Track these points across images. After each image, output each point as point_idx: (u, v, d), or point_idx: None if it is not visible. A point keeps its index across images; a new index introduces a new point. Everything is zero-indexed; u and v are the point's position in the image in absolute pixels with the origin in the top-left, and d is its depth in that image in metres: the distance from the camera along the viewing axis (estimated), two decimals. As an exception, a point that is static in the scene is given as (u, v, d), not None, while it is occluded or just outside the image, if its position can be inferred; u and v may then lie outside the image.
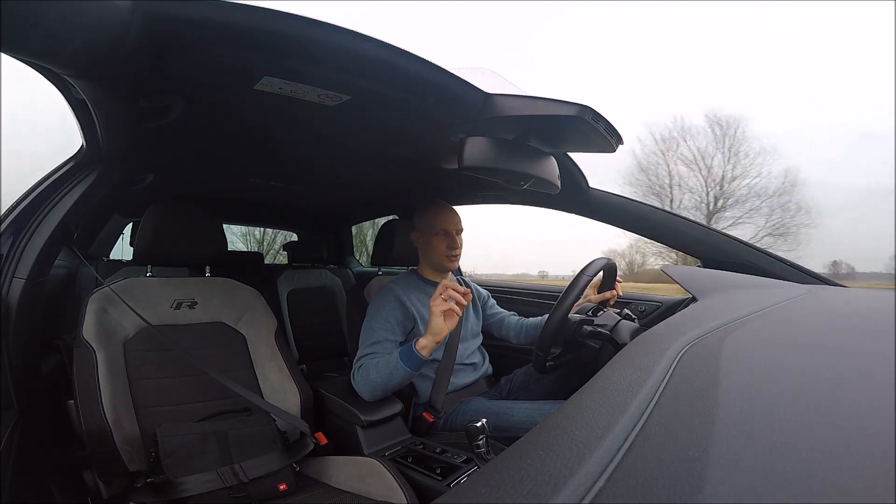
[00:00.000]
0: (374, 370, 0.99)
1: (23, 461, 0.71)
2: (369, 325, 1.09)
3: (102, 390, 0.86)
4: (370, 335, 1.07)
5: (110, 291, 0.97)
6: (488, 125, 0.82)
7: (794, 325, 0.54)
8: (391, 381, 0.97)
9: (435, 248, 1.18)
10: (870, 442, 0.22)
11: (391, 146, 1.03)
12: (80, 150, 0.87)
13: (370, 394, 1.01)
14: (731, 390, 0.29)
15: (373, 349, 1.05)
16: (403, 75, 0.66)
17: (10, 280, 0.79)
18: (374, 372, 0.99)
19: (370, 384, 1.00)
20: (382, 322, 1.08)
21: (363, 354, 1.05)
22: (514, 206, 1.47)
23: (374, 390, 1.00)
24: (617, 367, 0.38)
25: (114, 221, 1.82)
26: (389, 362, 0.97)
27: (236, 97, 0.73)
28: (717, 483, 0.19)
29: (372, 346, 1.05)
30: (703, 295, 0.81)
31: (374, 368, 0.99)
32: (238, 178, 1.37)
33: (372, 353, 1.04)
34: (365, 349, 1.06)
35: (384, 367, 0.98)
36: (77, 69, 0.53)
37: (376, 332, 1.07)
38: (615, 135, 0.80)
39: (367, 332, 1.08)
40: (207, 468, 0.81)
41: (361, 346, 1.07)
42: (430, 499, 0.80)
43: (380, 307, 1.10)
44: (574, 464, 0.21)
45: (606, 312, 1.02)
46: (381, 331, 1.07)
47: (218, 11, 0.51)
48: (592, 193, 1.21)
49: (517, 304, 1.59)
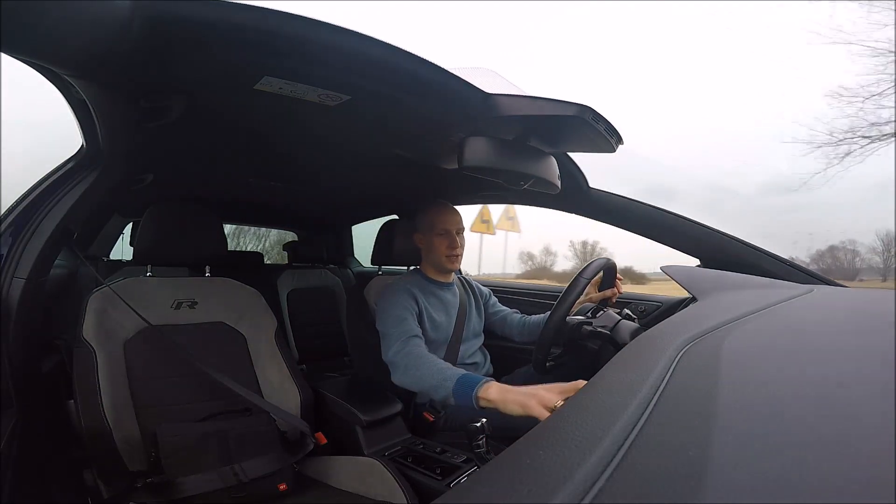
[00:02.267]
0: (426, 368, 0.92)
1: (23, 461, 0.71)
2: (390, 314, 1.08)
3: (102, 390, 0.86)
4: (396, 320, 1.06)
5: (110, 291, 0.97)
6: (488, 125, 0.82)
7: (794, 325, 0.54)
8: (432, 390, 0.90)
9: (436, 247, 1.18)
10: (870, 442, 0.22)
11: (391, 146, 1.03)
12: (80, 150, 0.87)
13: (405, 380, 0.98)
14: (731, 390, 0.29)
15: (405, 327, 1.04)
16: (403, 75, 0.66)
17: (10, 280, 0.79)
18: (426, 370, 0.92)
19: (413, 377, 0.95)
20: (402, 309, 1.08)
21: (399, 333, 1.03)
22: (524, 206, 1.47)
23: (411, 381, 0.96)
24: (617, 367, 0.38)
25: (114, 221, 1.82)
26: (444, 375, 0.88)
27: (236, 97, 0.73)
28: (717, 483, 0.19)
29: (402, 325, 1.04)
30: (703, 295, 0.82)
31: (427, 366, 0.93)
32: (238, 178, 1.37)
33: (406, 330, 1.03)
34: (397, 330, 1.04)
35: (437, 373, 0.90)
36: (77, 69, 0.53)
37: (401, 315, 1.06)
38: (615, 135, 0.80)
39: (392, 318, 1.06)
40: (207, 468, 0.81)
41: (393, 329, 1.05)
42: (430, 499, 0.80)
43: (395, 297, 1.10)
44: (574, 464, 0.21)
45: (606, 313, 1.02)
46: (405, 312, 1.07)
47: (218, 11, 0.51)
48: (592, 193, 1.21)
49: (518, 305, 1.59)
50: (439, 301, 1.20)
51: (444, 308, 1.20)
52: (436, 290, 1.21)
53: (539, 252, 12.60)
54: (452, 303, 1.22)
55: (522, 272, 11.88)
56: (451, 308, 1.21)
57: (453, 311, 1.20)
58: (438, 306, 1.19)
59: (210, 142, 1.00)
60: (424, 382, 0.92)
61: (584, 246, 12.17)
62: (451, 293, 1.24)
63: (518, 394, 0.74)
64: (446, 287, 1.24)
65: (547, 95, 0.73)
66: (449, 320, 1.19)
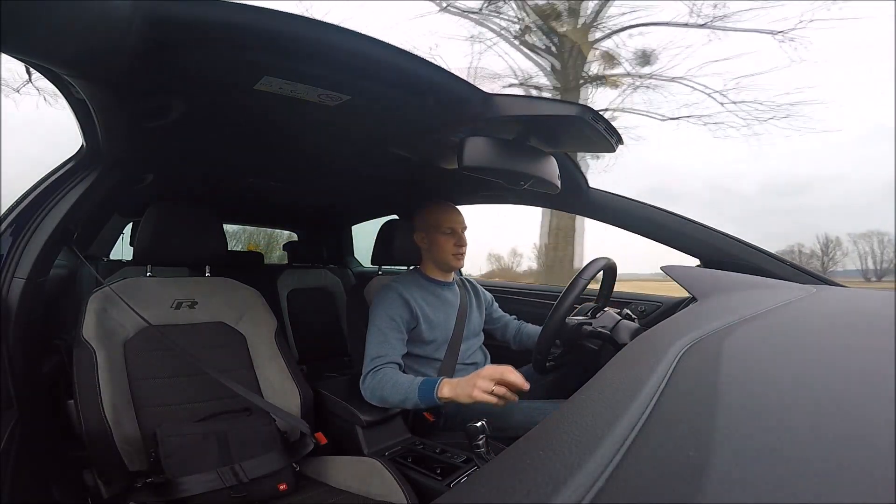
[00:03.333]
0: (390, 387, 0.97)
1: (23, 461, 0.71)
2: (376, 327, 1.08)
3: (102, 390, 0.86)
4: (378, 336, 1.06)
5: (110, 291, 0.97)
6: (488, 125, 0.82)
7: (795, 326, 0.54)
8: (402, 403, 0.97)
9: (441, 246, 1.18)
10: (870, 442, 0.22)
11: (391, 146, 1.03)
12: (80, 150, 0.88)
13: (378, 401, 1.00)
14: (731, 391, 0.29)
15: (384, 351, 1.04)
16: (403, 75, 0.66)
17: (10, 280, 0.79)
18: (390, 389, 0.97)
19: (380, 398, 0.99)
20: (388, 321, 1.07)
21: (375, 356, 1.03)
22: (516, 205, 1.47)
23: (381, 402, 1.00)
24: (617, 367, 0.38)
25: (114, 221, 1.82)
26: (406, 388, 0.94)
27: (236, 97, 0.73)
28: (717, 483, 0.19)
29: (382, 348, 1.04)
30: (703, 295, 0.82)
31: (391, 386, 0.97)
32: (238, 178, 1.37)
33: (383, 356, 1.03)
34: (376, 350, 1.04)
35: (401, 389, 0.95)
36: (77, 69, 0.53)
37: (385, 332, 1.06)
38: (615, 135, 0.80)
39: (375, 333, 1.07)
40: (207, 468, 0.81)
41: (371, 347, 1.06)
42: (430, 499, 0.80)
43: (385, 306, 1.10)
44: (574, 464, 0.21)
45: (606, 313, 1.02)
46: (389, 331, 1.06)
47: (218, 11, 0.51)
48: (592, 193, 1.21)
49: (518, 305, 1.59)
50: (438, 300, 1.20)
51: (444, 307, 1.20)
52: (435, 290, 1.21)
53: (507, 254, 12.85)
54: (452, 302, 1.22)
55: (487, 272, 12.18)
56: (450, 307, 1.21)
57: (453, 311, 1.20)
58: (437, 305, 1.19)
59: (210, 142, 1.00)
60: (392, 400, 0.97)
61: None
62: (452, 292, 1.24)
63: (463, 386, 0.86)
64: (446, 286, 1.24)
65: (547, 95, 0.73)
66: (448, 319, 1.18)
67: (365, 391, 1.02)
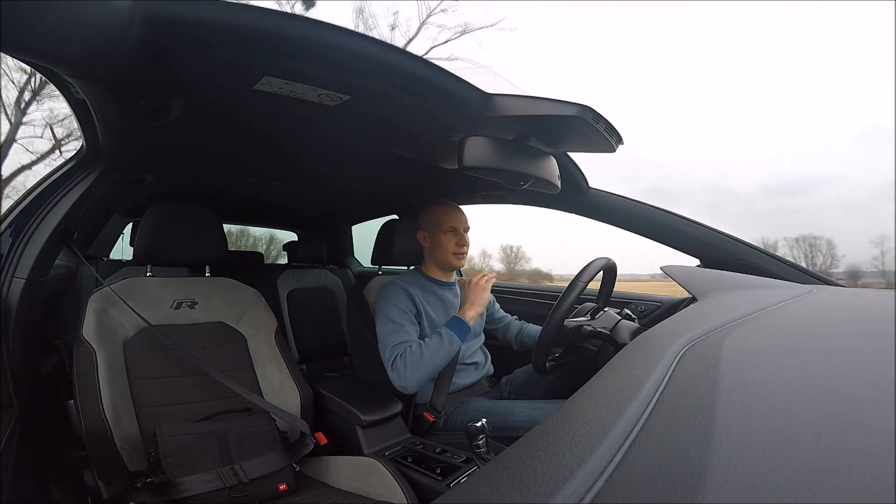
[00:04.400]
0: (429, 356, 1.00)
1: (23, 461, 0.70)
2: (388, 318, 1.08)
3: (102, 390, 0.86)
4: (392, 326, 1.07)
5: (110, 291, 0.97)
6: (488, 125, 0.82)
7: (794, 326, 0.54)
8: (444, 358, 1.01)
9: (444, 245, 1.19)
10: (870, 442, 0.22)
11: (391, 146, 1.03)
12: (80, 150, 0.88)
13: (418, 379, 1.00)
14: (731, 390, 0.29)
15: (402, 337, 1.05)
16: (403, 75, 0.66)
17: (10, 280, 0.79)
18: (429, 357, 1.00)
19: (421, 368, 1.00)
20: (399, 312, 1.09)
21: (396, 344, 1.04)
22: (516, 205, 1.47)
23: (422, 375, 1.00)
24: (617, 367, 0.38)
25: (114, 221, 1.82)
26: (439, 344, 1.00)
27: (236, 97, 0.73)
28: (717, 483, 0.19)
29: (399, 335, 1.05)
30: (703, 295, 0.81)
31: (428, 355, 1.00)
32: (238, 178, 1.37)
33: (404, 341, 1.04)
34: (394, 339, 1.05)
35: (436, 346, 1.00)
36: (77, 69, 0.53)
37: (397, 322, 1.07)
38: (615, 135, 0.80)
39: (388, 324, 1.08)
40: (207, 468, 0.81)
41: (387, 338, 1.06)
42: (430, 499, 0.80)
43: (392, 299, 1.11)
44: (574, 464, 0.21)
45: (606, 313, 1.02)
46: (401, 320, 1.08)
47: (218, 11, 0.51)
48: (592, 193, 1.21)
49: (519, 305, 1.59)
50: (439, 300, 1.20)
51: (444, 307, 1.20)
52: (436, 290, 1.21)
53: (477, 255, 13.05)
54: (453, 302, 1.22)
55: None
56: (451, 307, 1.21)
57: (453, 311, 1.21)
58: (438, 305, 1.19)
59: (210, 142, 1.00)
60: (435, 363, 1.01)
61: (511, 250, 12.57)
62: (453, 293, 1.24)
63: (472, 300, 1.11)
64: (447, 286, 1.24)
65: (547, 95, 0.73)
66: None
67: (397, 379, 1.01)
